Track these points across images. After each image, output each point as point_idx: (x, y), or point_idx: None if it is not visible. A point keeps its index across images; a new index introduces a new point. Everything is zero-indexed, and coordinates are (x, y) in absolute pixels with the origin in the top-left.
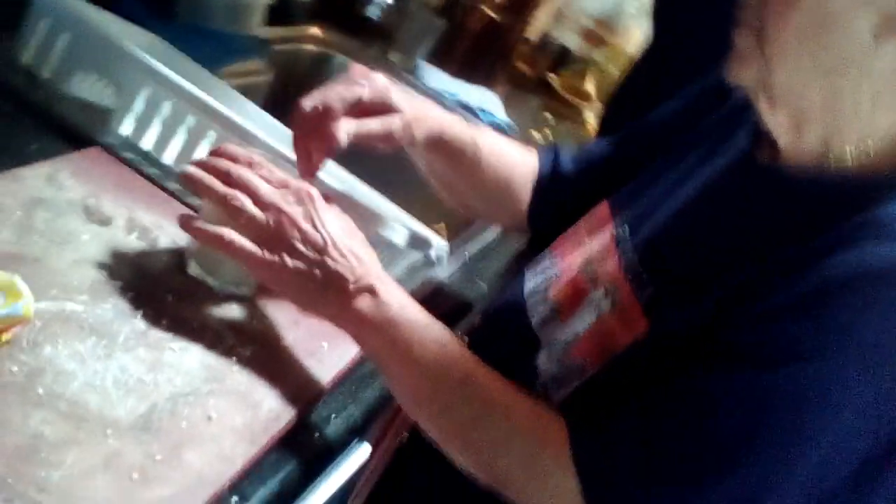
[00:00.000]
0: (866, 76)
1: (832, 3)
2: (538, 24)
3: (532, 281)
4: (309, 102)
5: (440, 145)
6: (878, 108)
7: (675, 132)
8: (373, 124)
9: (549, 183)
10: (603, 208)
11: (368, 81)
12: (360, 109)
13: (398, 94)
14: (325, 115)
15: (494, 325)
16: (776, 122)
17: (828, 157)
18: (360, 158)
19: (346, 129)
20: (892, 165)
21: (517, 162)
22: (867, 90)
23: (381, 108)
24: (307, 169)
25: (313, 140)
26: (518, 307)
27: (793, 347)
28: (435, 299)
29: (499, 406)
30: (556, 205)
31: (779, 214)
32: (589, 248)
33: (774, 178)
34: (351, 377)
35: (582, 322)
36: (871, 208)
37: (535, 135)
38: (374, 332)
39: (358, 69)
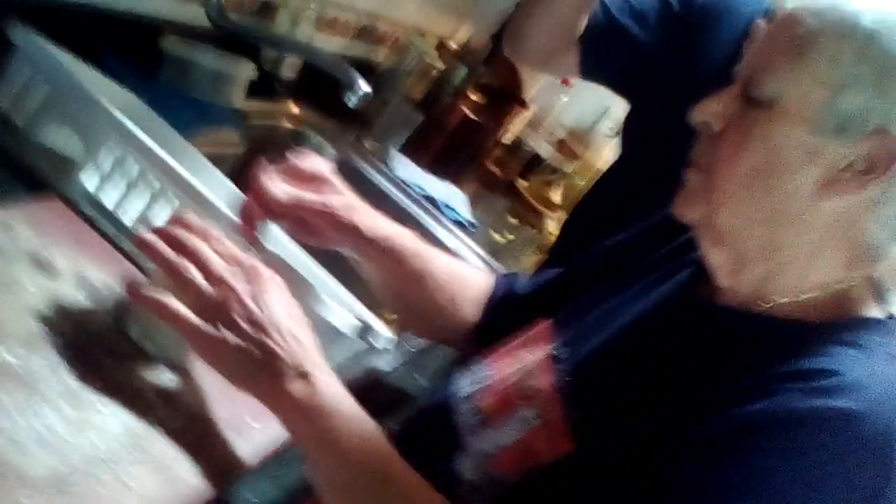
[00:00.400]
0: (806, 228)
1: (780, 153)
2: (513, 129)
3: (464, 385)
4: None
5: (387, 249)
6: (814, 260)
7: (624, 260)
8: (309, 193)
9: (503, 303)
10: (545, 325)
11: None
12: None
13: (344, 186)
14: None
15: (423, 423)
16: (717, 262)
17: (761, 302)
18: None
19: (283, 189)
20: (819, 317)
21: (465, 278)
22: (805, 242)
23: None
24: (247, 229)
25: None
26: (447, 409)
27: (708, 484)
28: (375, 389)
29: None
30: (507, 324)
31: (710, 352)
32: (525, 362)
33: (709, 316)
34: (277, 461)
35: (507, 435)
36: (798, 358)
37: (496, 237)
38: (303, 418)
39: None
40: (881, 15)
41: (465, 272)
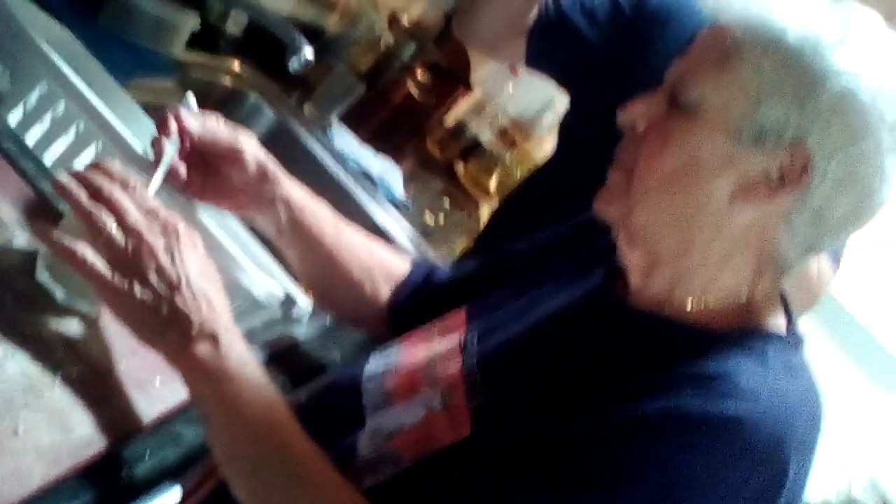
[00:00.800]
0: (718, 234)
1: (698, 158)
2: (456, 111)
3: (374, 364)
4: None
5: (300, 217)
6: (724, 267)
7: (544, 257)
8: (223, 131)
9: (420, 290)
10: (459, 314)
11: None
12: None
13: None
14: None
15: (329, 397)
16: (631, 261)
17: (670, 303)
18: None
19: (201, 122)
20: (724, 324)
21: (382, 258)
22: (717, 248)
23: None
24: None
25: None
26: (354, 385)
27: (598, 474)
28: (289, 356)
29: (310, 480)
30: (423, 311)
31: (614, 350)
32: (436, 347)
33: (618, 315)
34: (177, 419)
35: (409, 415)
36: (698, 361)
37: (429, 217)
38: (205, 379)
39: None
40: (806, 32)
41: (382, 253)
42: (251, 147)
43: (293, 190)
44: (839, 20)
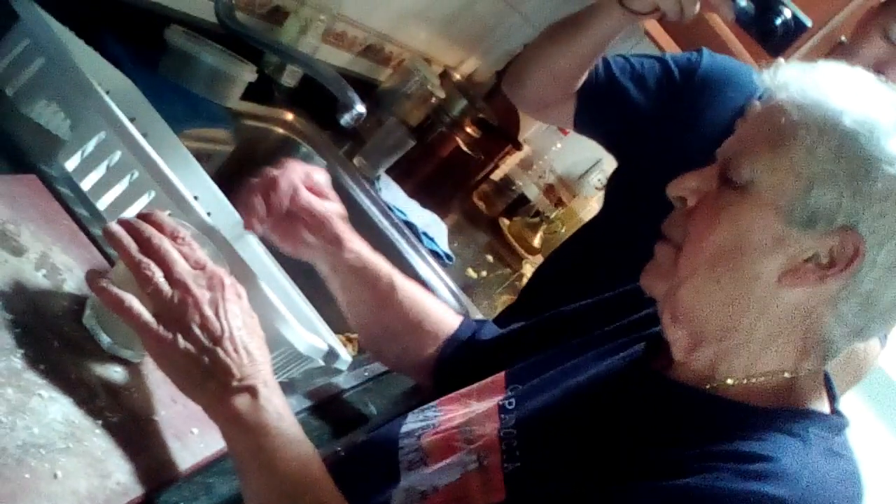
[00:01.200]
0: (764, 315)
1: (748, 237)
2: (504, 167)
3: (412, 422)
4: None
5: (361, 268)
6: (769, 347)
7: (587, 324)
8: (315, 201)
9: (466, 347)
10: (499, 377)
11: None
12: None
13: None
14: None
15: (366, 452)
16: (675, 337)
17: (712, 379)
18: (297, 266)
19: (288, 179)
20: (766, 402)
21: (433, 312)
22: (762, 328)
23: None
24: (248, 219)
25: (258, 194)
26: (391, 443)
27: None
28: (330, 405)
29: None
30: (467, 368)
31: (652, 422)
32: (474, 410)
33: (659, 388)
34: (211, 469)
35: (444, 476)
36: (737, 439)
37: (472, 271)
38: (243, 432)
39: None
40: (863, 117)
41: (433, 305)
42: (338, 222)
43: (356, 242)
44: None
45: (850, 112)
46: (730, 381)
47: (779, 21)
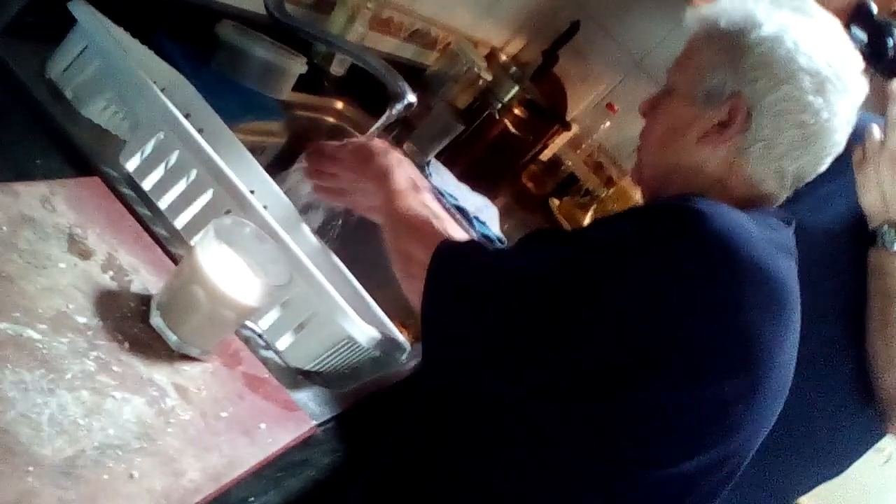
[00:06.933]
0: (700, 173)
1: (676, 122)
2: (552, 147)
3: None
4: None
5: None
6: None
7: None
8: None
9: None
10: None
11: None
12: None
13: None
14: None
15: None
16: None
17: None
18: (353, 252)
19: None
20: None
21: None
22: (701, 183)
23: None
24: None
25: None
26: None
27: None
28: (397, 390)
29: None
30: None
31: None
32: None
33: None
34: (279, 463)
35: None
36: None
37: None
38: (416, 196)
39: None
40: (735, 18)
41: None
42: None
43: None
44: (765, 7)
45: (725, 16)
46: None
47: (891, 43)
